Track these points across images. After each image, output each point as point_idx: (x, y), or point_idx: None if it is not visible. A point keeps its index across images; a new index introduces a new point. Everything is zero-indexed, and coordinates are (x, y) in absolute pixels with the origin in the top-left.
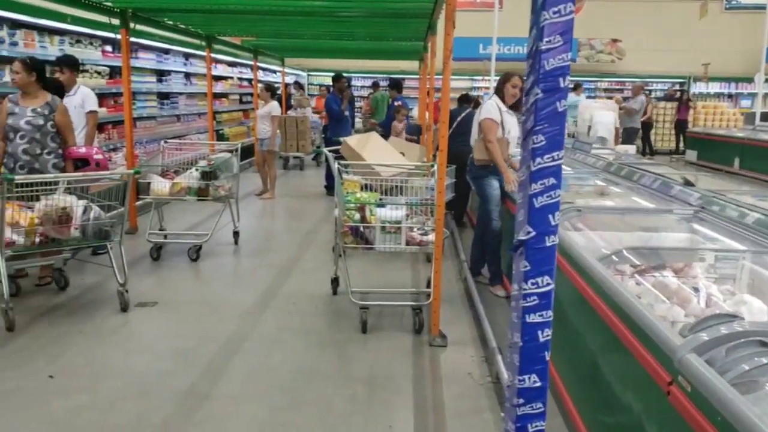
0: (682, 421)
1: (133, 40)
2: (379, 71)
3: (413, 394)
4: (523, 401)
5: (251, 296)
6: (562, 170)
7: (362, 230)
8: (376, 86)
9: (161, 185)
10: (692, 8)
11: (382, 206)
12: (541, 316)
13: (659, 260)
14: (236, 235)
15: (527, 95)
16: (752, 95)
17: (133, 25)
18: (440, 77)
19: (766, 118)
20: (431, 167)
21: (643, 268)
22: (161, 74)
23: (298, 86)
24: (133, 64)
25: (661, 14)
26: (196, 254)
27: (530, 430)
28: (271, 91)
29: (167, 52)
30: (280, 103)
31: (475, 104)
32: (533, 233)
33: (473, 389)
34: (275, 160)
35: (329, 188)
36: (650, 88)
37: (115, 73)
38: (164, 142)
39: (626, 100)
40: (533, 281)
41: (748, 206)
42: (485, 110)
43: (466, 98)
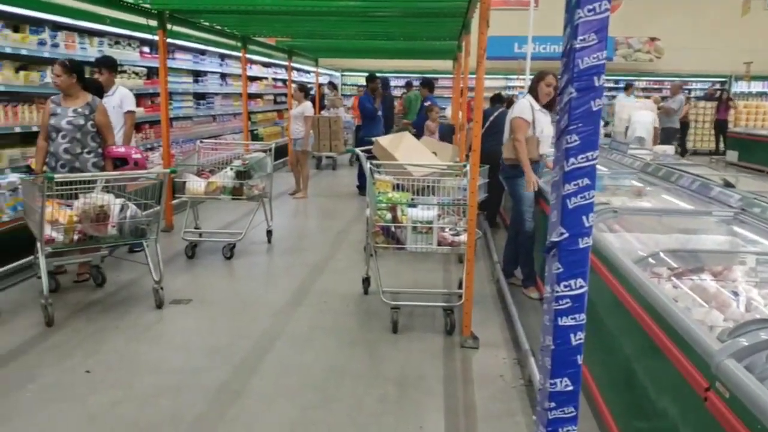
0: (719, 428)
1: (170, 41)
2: (412, 71)
3: (444, 395)
4: (554, 405)
5: (284, 294)
6: (596, 171)
7: (393, 230)
8: (409, 86)
9: (197, 184)
10: (733, 5)
11: (413, 206)
12: (573, 319)
13: (697, 263)
14: (269, 233)
15: (561, 94)
16: None
17: (170, 26)
18: (474, 76)
19: None
20: (464, 167)
21: (680, 271)
22: (197, 75)
23: (331, 86)
24: (170, 64)
25: (700, 12)
26: (230, 252)
27: None
28: (304, 91)
29: (203, 53)
30: (313, 103)
31: (508, 104)
32: (566, 235)
33: (505, 392)
34: (308, 159)
35: (361, 188)
36: (689, 87)
37: (152, 73)
38: (200, 141)
39: (665, 99)
40: (566, 284)
41: None
42: (517, 109)
43: (498, 98)
